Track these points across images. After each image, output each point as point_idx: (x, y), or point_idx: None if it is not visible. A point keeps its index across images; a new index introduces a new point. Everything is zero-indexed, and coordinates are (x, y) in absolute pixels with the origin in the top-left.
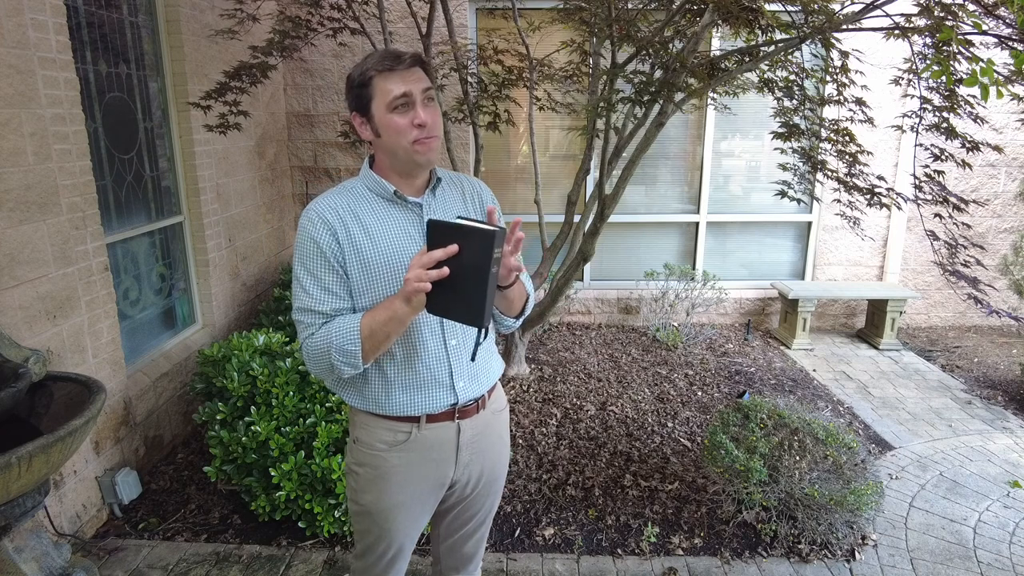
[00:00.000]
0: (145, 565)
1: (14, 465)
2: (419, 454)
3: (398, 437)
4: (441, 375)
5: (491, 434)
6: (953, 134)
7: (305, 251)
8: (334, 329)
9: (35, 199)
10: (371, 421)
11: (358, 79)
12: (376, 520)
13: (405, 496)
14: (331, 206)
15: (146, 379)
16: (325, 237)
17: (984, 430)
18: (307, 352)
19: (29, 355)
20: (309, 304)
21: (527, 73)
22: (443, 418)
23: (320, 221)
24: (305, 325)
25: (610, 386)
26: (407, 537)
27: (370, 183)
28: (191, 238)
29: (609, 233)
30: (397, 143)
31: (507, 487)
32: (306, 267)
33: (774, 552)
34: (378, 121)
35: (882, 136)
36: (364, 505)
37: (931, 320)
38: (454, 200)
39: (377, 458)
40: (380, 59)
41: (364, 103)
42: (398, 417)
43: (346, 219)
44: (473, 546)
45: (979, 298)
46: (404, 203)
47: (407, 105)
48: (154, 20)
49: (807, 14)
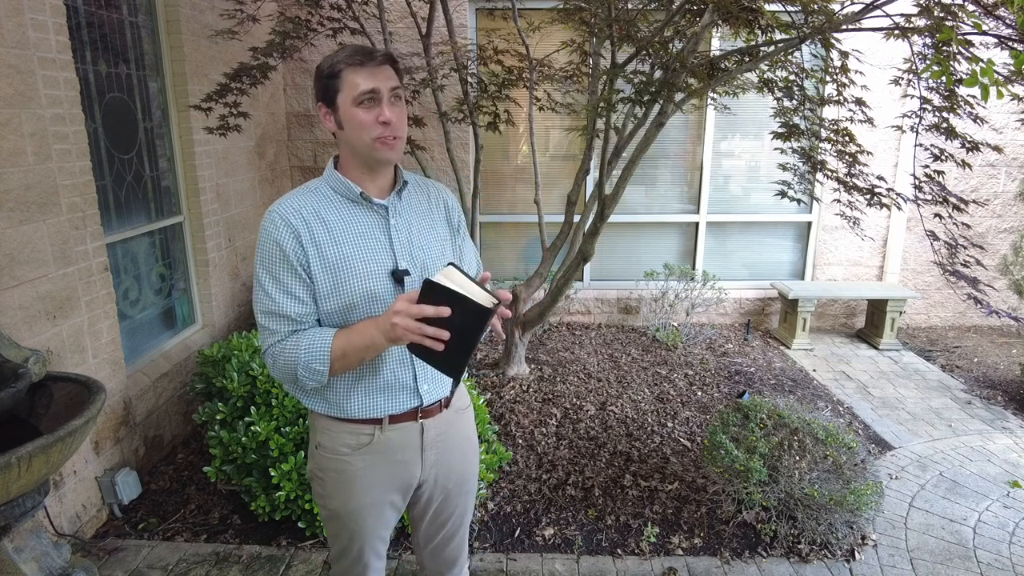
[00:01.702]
0: (145, 565)
1: (14, 465)
2: (383, 456)
3: (361, 440)
4: (405, 379)
5: (456, 433)
6: (953, 134)
7: (268, 254)
8: (303, 345)
9: (35, 199)
10: (333, 425)
11: (327, 70)
12: (346, 523)
13: (372, 498)
14: (294, 208)
15: (146, 379)
16: (288, 240)
17: (984, 430)
18: (272, 359)
19: (29, 355)
20: (273, 308)
21: (527, 73)
22: (406, 419)
23: (283, 223)
24: (270, 331)
25: (610, 386)
26: (378, 538)
27: (334, 184)
28: (191, 238)
29: (609, 233)
30: (359, 138)
31: (507, 487)
32: (269, 271)
33: (774, 552)
34: (343, 114)
35: (882, 136)
36: (332, 509)
37: (931, 320)
38: (419, 205)
39: (341, 462)
40: (352, 53)
41: (331, 94)
42: (360, 420)
43: (310, 221)
44: (454, 550)
45: (979, 298)
46: (369, 205)
47: (373, 101)
48: (154, 20)
49: (807, 14)
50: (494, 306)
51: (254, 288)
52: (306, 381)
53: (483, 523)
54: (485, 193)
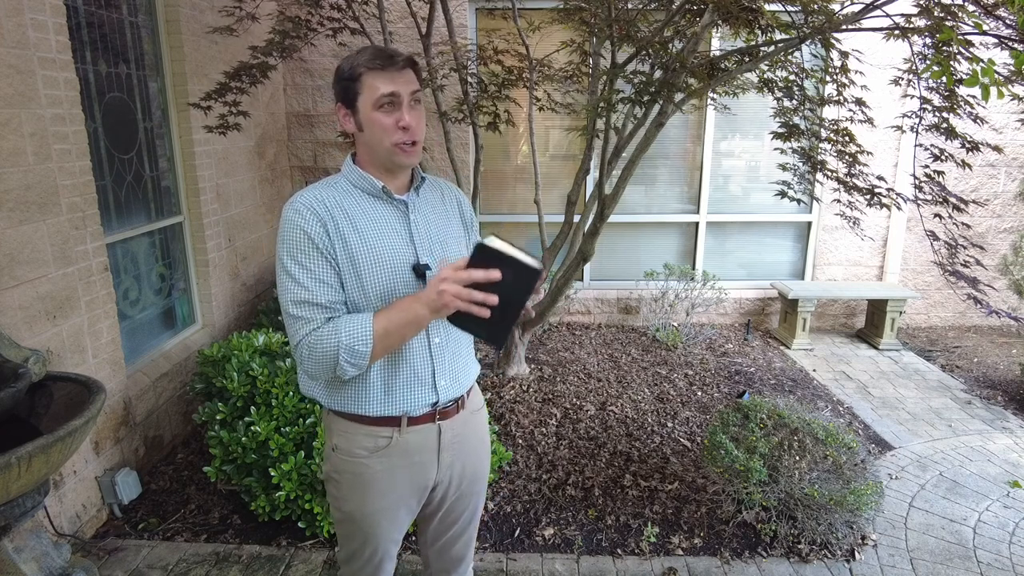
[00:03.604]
0: (145, 565)
1: (14, 465)
2: (401, 459)
3: (379, 443)
4: (424, 374)
5: (471, 434)
6: (953, 134)
7: (294, 242)
8: (343, 328)
9: (35, 199)
10: (350, 427)
11: (348, 72)
12: (360, 526)
13: (388, 501)
14: (318, 198)
15: (146, 379)
16: (315, 227)
17: (984, 430)
18: (309, 349)
19: (29, 355)
20: (305, 296)
21: (527, 73)
22: (424, 420)
23: (309, 211)
24: (305, 320)
25: (610, 386)
26: (391, 541)
27: (355, 178)
28: (191, 238)
29: (609, 233)
30: (379, 141)
31: (507, 487)
32: (296, 259)
33: (774, 552)
34: (363, 116)
35: (882, 136)
36: (347, 512)
37: (931, 320)
38: (434, 202)
39: (358, 465)
40: (373, 56)
41: (351, 96)
42: (378, 420)
43: (334, 212)
44: (462, 548)
45: (979, 298)
46: (390, 199)
47: (393, 105)
48: (154, 20)
49: (807, 14)
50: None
51: (280, 279)
52: (348, 367)
53: (483, 523)
54: (485, 193)
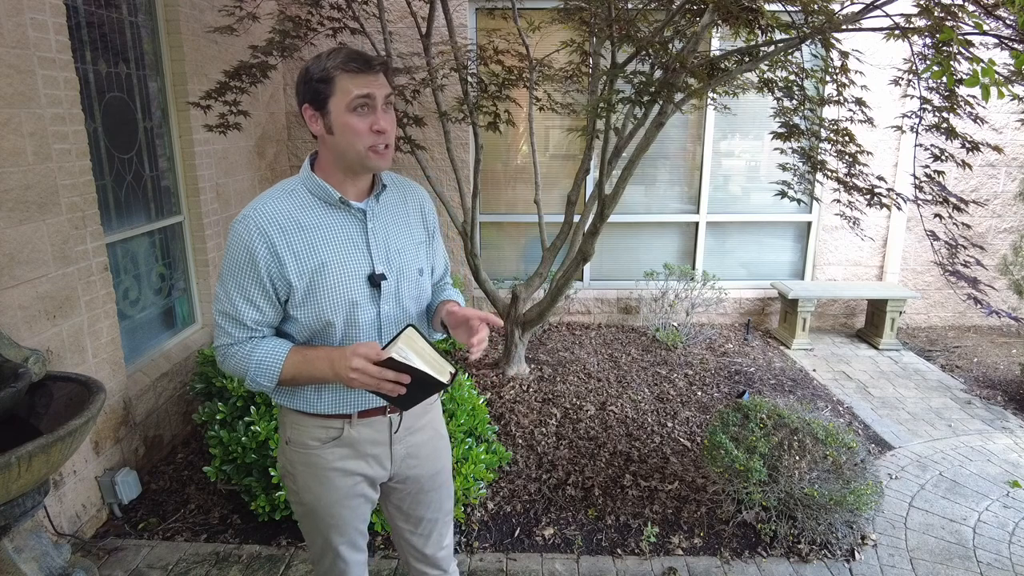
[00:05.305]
0: (145, 565)
1: (14, 465)
2: (353, 449)
3: (330, 433)
4: None
5: (425, 426)
6: (953, 134)
7: (236, 259)
8: (255, 358)
9: (35, 199)
10: (302, 420)
11: (318, 74)
12: (322, 518)
13: (345, 490)
14: (270, 215)
15: (146, 379)
16: (261, 249)
17: (984, 430)
18: (223, 359)
19: (29, 355)
20: (231, 312)
21: (527, 73)
22: (374, 413)
23: (258, 233)
24: (225, 332)
25: (610, 386)
26: (357, 531)
27: (312, 187)
28: (191, 238)
29: (609, 233)
30: (351, 145)
31: (507, 487)
32: (234, 275)
33: (774, 552)
34: (334, 119)
35: (882, 136)
36: (308, 504)
37: (931, 320)
38: (396, 207)
39: (312, 456)
40: (347, 59)
41: (321, 98)
42: (330, 415)
43: (287, 227)
44: (433, 546)
45: (979, 298)
46: (348, 208)
47: (367, 107)
48: (154, 20)
49: (807, 14)
50: (451, 378)
51: (217, 286)
52: (252, 387)
53: (483, 523)
54: (485, 193)
